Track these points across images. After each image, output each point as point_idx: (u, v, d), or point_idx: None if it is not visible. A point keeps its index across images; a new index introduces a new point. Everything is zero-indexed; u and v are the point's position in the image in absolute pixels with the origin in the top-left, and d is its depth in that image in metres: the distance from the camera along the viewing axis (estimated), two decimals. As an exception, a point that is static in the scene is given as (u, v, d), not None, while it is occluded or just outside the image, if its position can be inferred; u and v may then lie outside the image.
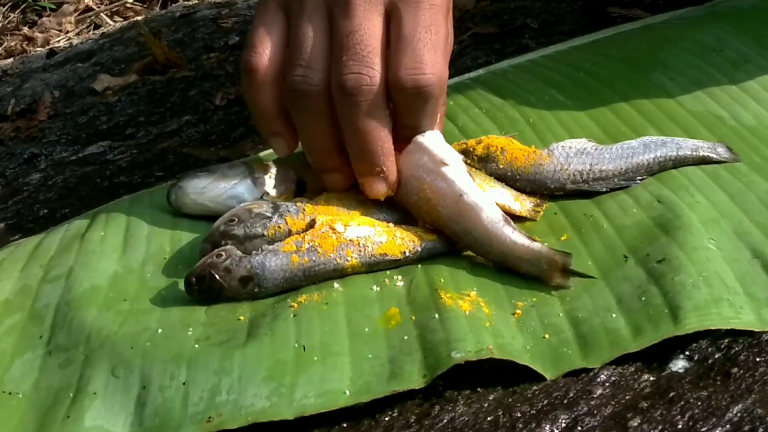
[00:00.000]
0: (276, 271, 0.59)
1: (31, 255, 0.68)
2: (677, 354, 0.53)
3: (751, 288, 0.55)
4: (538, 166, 0.65)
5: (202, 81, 1.05)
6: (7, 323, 0.61)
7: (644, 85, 0.77)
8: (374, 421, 0.51)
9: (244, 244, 0.61)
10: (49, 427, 0.53)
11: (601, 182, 0.64)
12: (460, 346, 0.52)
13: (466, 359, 0.51)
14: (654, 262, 0.57)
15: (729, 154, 0.67)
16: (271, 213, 0.62)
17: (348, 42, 0.59)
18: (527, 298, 0.57)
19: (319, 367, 0.53)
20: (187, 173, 0.68)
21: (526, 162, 0.65)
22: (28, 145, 0.96)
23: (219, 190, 0.66)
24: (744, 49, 0.79)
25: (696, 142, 0.67)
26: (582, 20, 1.00)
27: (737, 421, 0.48)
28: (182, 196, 0.66)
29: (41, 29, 1.50)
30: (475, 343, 0.52)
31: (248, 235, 0.61)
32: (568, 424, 0.49)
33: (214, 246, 0.61)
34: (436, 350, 0.53)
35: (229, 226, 0.62)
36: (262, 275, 0.59)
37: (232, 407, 0.51)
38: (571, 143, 0.66)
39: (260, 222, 0.62)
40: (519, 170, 0.65)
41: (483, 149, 0.66)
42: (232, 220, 0.62)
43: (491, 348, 0.52)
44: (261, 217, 0.62)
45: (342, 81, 0.59)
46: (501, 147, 0.66)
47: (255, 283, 0.59)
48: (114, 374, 0.55)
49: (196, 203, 0.66)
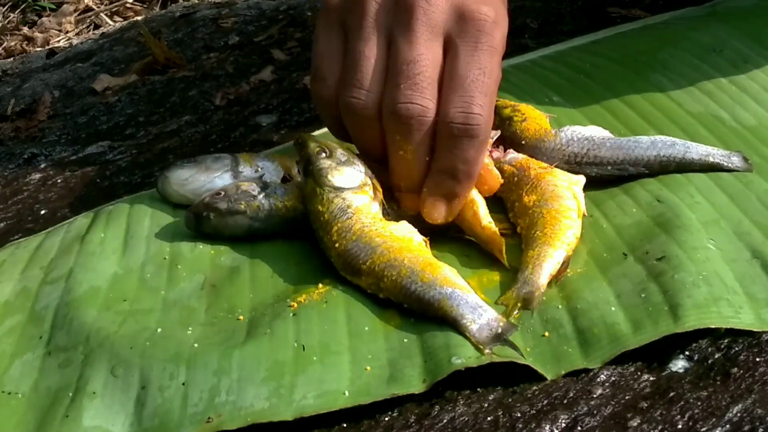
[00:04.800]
0: None
1: (31, 257, 0.68)
2: (677, 354, 0.53)
3: (751, 288, 0.55)
4: (540, 141, 0.68)
5: (202, 81, 1.05)
6: (7, 324, 0.61)
7: (644, 86, 0.77)
8: (374, 421, 0.51)
9: (225, 217, 0.64)
10: (48, 426, 0.53)
11: (593, 167, 0.66)
12: (460, 351, 0.52)
13: (466, 366, 0.52)
14: (653, 260, 0.57)
15: (744, 164, 0.65)
16: (257, 192, 0.64)
17: (408, 70, 0.59)
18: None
19: (318, 367, 0.53)
20: (174, 163, 0.70)
21: (534, 135, 0.68)
22: (28, 145, 0.96)
23: (199, 183, 0.68)
24: (744, 50, 0.79)
25: (709, 148, 0.66)
26: (582, 20, 1.00)
27: (737, 421, 0.48)
28: (167, 186, 0.69)
29: (41, 29, 1.50)
30: (474, 348, 0.53)
31: (230, 209, 0.64)
32: (568, 424, 0.49)
33: (197, 216, 0.65)
34: (436, 355, 0.53)
35: (214, 198, 0.64)
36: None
37: (232, 408, 0.51)
38: (583, 130, 0.68)
39: (245, 199, 0.64)
40: (525, 138, 0.68)
41: (510, 110, 0.70)
42: (218, 193, 0.65)
43: (491, 353, 0.52)
44: (246, 195, 0.64)
45: (397, 109, 0.59)
46: (525, 115, 0.69)
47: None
48: (113, 374, 0.55)
49: (179, 194, 0.68)
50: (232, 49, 1.13)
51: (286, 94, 0.97)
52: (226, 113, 0.96)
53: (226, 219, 0.64)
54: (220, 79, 1.05)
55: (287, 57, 1.07)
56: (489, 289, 0.58)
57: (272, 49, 1.10)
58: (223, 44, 1.15)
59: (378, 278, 0.57)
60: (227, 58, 1.10)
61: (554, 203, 0.61)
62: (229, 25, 1.21)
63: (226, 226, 0.64)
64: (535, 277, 0.57)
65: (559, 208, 0.61)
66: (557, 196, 0.61)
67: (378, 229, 0.59)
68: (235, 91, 1.00)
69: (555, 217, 0.60)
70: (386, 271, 0.56)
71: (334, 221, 0.59)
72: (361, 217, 0.59)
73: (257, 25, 1.19)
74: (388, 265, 0.57)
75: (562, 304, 0.56)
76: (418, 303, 0.55)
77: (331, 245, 0.59)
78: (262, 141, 0.88)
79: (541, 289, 0.56)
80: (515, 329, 0.54)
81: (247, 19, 1.22)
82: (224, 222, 0.64)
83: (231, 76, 1.05)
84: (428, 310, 0.55)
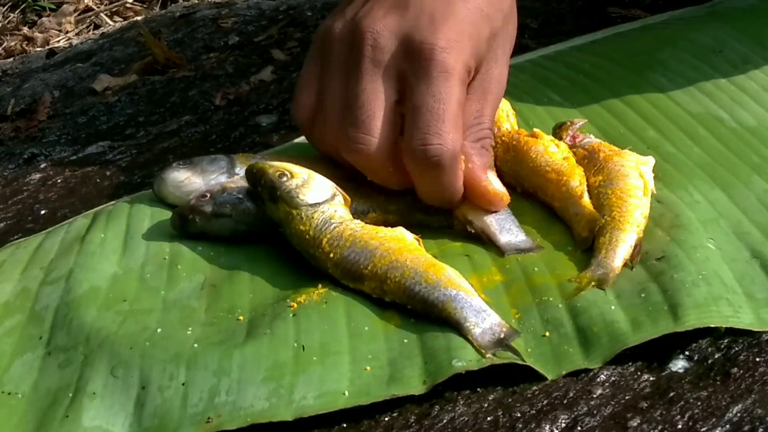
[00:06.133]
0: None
1: (31, 257, 0.68)
2: (677, 354, 0.53)
3: (750, 288, 0.55)
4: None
5: (202, 81, 1.05)
6: (7, 324, 0.61)
7: (643, 86, 0.77)
8: (374, 421, 0.51)
9: (210, 221, 0.64)
10: (48, 426, 0.53)
11: None
12: (460, 354, 0.52)
13: (467, 369, 0.52)
14: (653, 260, 0.57)
15: None
16: (243, 195, 0.64)
17: (349, 105, 0.61)
18: (528, 297, 0.57)
19: (318, 368, 0.53)
20: (171, 165, 0.70)
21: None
22: (28, 145, 0.96)
23: (194, 186, 0.68)
24: (743, 50, 0.79)
25: None
26: (582, 20, 1.00)
27: (737, 421, 0.48)
28: (163, 188, 0.69)
29: (41, 29, 1.50)
30: (475, 351, 0.53)
31: (216, 212, 0.64)
32: (568, 424, 0.49)
33: (182, 218, 0.65)
34: (436, 356, 0.53)
35: (200, 201, 0.64)
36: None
37: (231, 408, 0.51)
38: None
39: (231, 202, 0.64)
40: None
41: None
42: (204, 195, 0.65)
43: (492, 357, 0.52)
44: (232, 198, 0.64)
45: (344, 146, 0.61)
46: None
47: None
48: (113, 374, 0.55)
49: (175, 195, 0.68)
50: (232, 49, 1.13)
51: (286, 94, 0.97)
52: (226, 113, 0.96)
53: (211, 222, 0.64)
54: (220, 79, 1.05)
55: (287, 57, 1.07)
56: (489, 289, 0.58)
57: (272, 49, 1.10)
58: (223, 44, 1.15)
59: (381, 281, 0.57)
60: (227, 58, 1.10)
61: (620, 182, 0.61)
62: (229, 25, 1.21)
63: (212, 228, 0.64)
64: (608, 260, 0.57)
65: (624, 187, 0.61)
66: (623, 176, 0.62)
67: (369, 232, 0.59)
68: (235, 91, 1.00)
69: (621, 197, 0.60)
70: (389, 272, 0.56)
71: (321, 235, 0.59)
72: (347, 223, 0.59)
73: (257, 25, 1.19)
74: (390, 267, 0.57)
75: (562, 302, 0.56)
76: (422, 304, 0.55)
77: (325, 257, 0.59)
78: (261, 141, 0.88)
79: (616, 271, 0.57)
80: (518, 335, 0.54)
81: (247, 19, 1.22)
82: (209, 225, 0.64)
83: (231, 76, 1.05)
84: (432, 311, 0.55)
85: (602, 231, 0.59)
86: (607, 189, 0.61)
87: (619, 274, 0.57)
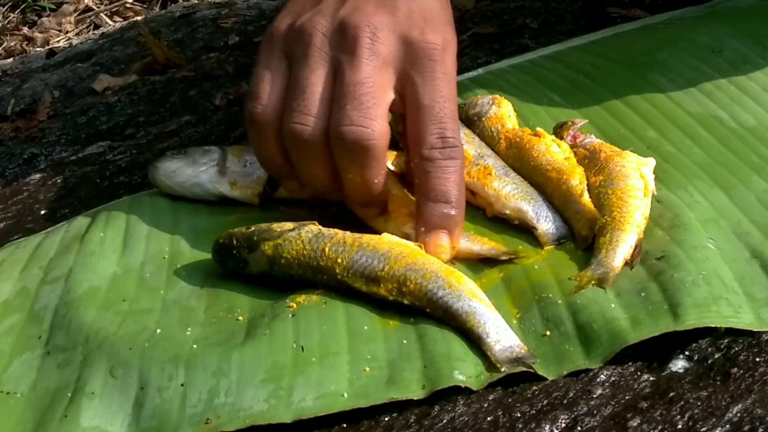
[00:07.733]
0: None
1: (30, 256, 0.68)
2: (677, 354, 0.53)
3: (750, 288, 0.55)
4: None
5: (202, 81, 1.05)
6: (7, 324, 0.61)
7: (643, 86, 0.76)
8: (374, 422, 0.51)
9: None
10: (46, 426, 0.53)
11: None
12: (461, 366, 0.52)
13: (466, 384, 0.52)
14: (653, 260, 0.57)
15: None
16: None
17: (354, 91, 0.59)
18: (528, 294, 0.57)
19: (317, 369, 0.53)
20: (165, 154, 0.71)
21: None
22: (28, 145, 0.96)
23: (185, 176, 0.69)
24: (743, 50, 0.79)
25: None
26: (582, 20, 1.00)
27: (737, 421, 0.48)
28: (156, 175, 0.70)
29: (41, 29, 1.50)
30: (475, 365, 0.53)
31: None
32: (568, 424, 0.49)
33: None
34: (437, 363, 0.53)
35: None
36: None
37: (230, 409, 0.51)
38: None
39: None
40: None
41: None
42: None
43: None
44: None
45: (341, 132, 0.59)
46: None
47: None
48: (112, 375, 0.55)
49: (166, 185, 0.70)
50: (232, 49, 1.13)
51: (285, 94, 0.97)
52: (226, 113, 0.96)
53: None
54: (219, 79, 1.05)
55: (287, 57, 1.07)
56: (489, 289, 0.57)
57: (272, 49, 1.10)
58: (223, 44, 1.15)
59: (400, 283, 0.56)
60: (227, 58, 1.10)
61: (621, 183, 0.61)
62: (229, 25, 1.21)
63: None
64: (609, 259, 0.57)
65: (625, 188, 0.61)
66: (624, 176, 0.62)
67: (372, 237, 0.59)
68: (235, 91, 1.00)
69: (621, 198, 0.60)
70: (408, 274, 0.56)
71: (320, 245, 0.58)
72: (340, 233, 0.59)
73: (257, 25, 1.19)
74: (408, 269, 0.56)
75: (562, 299, 0.56)
76: (443, 311, 0.55)
77: (332, 263, 0.58)
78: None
79: (616, 270, 0.57)
80: (535, 360, 0.53)
81: (247, 19, 1.22)
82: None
83: (231, 76, 1.05)
84: (453, 320, 0.55)
85: (603, 231, 0.59)
86: (607, 189, 0.61)
87: (618, 274, 0.57)
